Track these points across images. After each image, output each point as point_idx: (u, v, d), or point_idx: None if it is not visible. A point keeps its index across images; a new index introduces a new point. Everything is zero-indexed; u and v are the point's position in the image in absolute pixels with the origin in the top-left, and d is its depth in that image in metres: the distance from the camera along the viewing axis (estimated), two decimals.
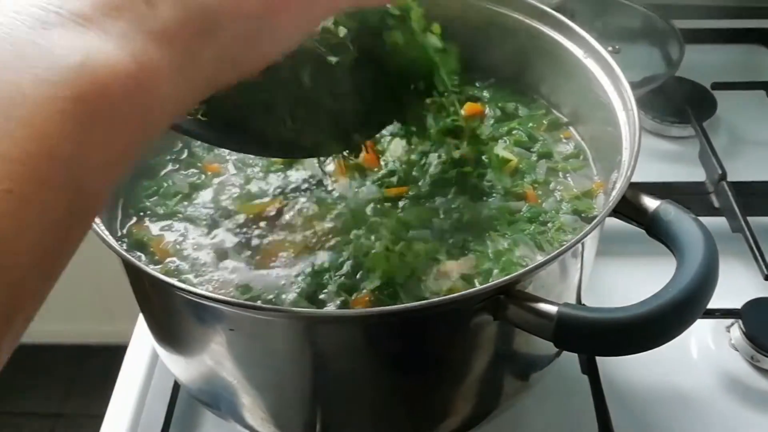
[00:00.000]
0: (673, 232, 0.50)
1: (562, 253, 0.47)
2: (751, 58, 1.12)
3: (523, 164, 0.65)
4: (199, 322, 0.51)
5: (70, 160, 0.29)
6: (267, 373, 0.53)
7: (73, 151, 0.29)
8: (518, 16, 0.69)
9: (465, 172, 0.62)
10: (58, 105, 0.29)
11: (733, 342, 0.72)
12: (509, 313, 0.46)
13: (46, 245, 0.29)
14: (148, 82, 0.32)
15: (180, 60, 0.34)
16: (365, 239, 0.57)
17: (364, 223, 0.58)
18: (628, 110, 0.58)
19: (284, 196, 0.62)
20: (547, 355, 0.58)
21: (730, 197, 0.82)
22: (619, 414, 0.65)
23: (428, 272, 0.55)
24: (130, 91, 0.31)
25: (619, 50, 0.97)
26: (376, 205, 0.60)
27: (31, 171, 0.28)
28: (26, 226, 0.28)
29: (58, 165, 0.29)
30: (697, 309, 0.45)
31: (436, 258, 0.56)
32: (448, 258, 0.56)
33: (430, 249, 0.56)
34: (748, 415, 0.68)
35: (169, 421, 0.67)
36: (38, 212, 0.28)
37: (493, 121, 0.69)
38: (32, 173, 0.28)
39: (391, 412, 0.56)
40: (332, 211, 0.60)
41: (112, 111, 0.31)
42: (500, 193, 0.62)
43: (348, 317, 0.50)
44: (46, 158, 0.28)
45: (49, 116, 0.29)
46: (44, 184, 0.28)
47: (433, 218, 0.59)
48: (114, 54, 0.31)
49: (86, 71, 0.30)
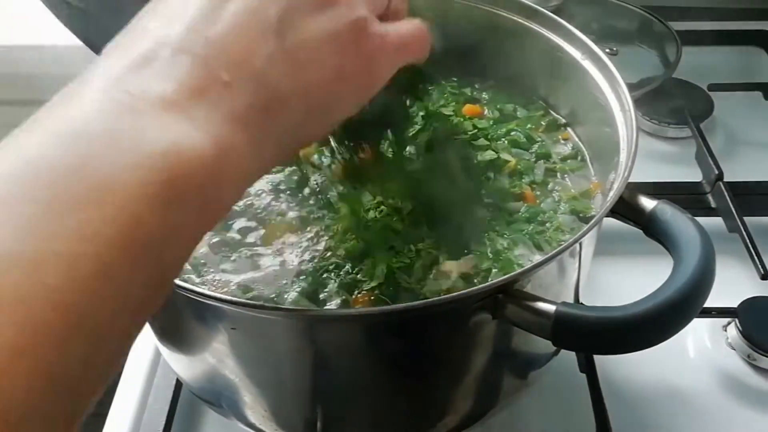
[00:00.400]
0: (670, 231, 0.50)
1: (560, 252, 0.48)
2: (748, 59, 1.12)
3: (522, 165, 0.65)
4: (201, 321, 0.52)
5: (159, 242, 0.30)
6: (268, 371, 0.53)
7: (161, 233, 0.30)
8: (517, 18, 0.69)
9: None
10: (149, 190, 0.30)
11: (730, 341, 0.73)
12: (508, 312, 0.46)
13: (129, 328, 0.31)
14: (228, 165, 0.33)
15: (254, 140, 0.34)
16: (365, 239, 0.57)
17: (364, 223, 0.59)
18: (625, 111, 0.59)
19: (285, 197, 0.63)
20: (545, 354, 0.59)
21: (726, 197, 0.83)
22: (617, 412, 0.66)
23: (428, 272, 0.55)
24: (213, 174, 0.32)
25: (616, 52, 0.97)
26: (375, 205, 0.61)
27: (124, 252, 0.29)
28: (111, 311, 0.29)
29: (148, 246, 0.30)
30: (693, 308, 0.46)
31: (435, 258, 0.56)
32: (447, 258, 0.56)
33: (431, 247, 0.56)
34: (744, 413, 0.68)
35: (171, 419, 0.67)
36: (125, 294, 0.29)
37: (492, 122, 0.70)
38: (125, 254, 0.29)
39: (391, 409, 0.56)
40: (332, 210, 0.61)
41: (198, 194, 0.32)
42: (499, 193, 0.62)
43: (348, 316, 0.50)
44: (138, 241, 0.29)
45: (141, 200, 0.29)
46: (134, 265, 0.29)
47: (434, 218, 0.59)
48: (198, 138, 0.32)
49: (174, 157, 0.31)
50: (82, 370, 0.28)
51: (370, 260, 0.55)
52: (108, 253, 0.28)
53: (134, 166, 0.30)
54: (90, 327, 0.28)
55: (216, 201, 0.33)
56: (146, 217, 0.29)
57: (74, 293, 0.27)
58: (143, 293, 0.30)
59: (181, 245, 0.32)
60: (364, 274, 0.54)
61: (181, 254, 0.33)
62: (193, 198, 0.31)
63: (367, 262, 0.55)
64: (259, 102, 0.35)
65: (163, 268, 0.31)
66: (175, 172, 0.30)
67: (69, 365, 0.27)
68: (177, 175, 0.31)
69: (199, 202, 0.32)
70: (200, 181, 0.32)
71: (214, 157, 0.32)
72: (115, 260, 0.28)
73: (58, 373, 0.27)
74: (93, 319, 0.28)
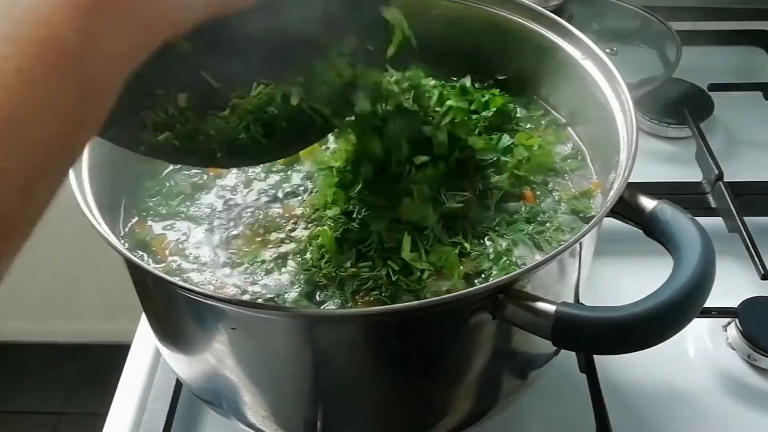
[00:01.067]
0: (670, 231, 0.50)
1: (560, 252, 0.48)
2: (748, 59, 1.12)
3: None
4: (201, 321, 0.52)
5: (77, 48, 0.31)
6: (268, 371, 0.53)
7: (79, 40, 0.31)
8: (517, 19, 0.69)
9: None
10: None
11: (730, 341, 0.73)
12: (508, 312, 0.46)
13: (56, 131, 0.31)
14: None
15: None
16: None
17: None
18: (625, 111, 0.59)
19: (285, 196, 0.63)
20: (545, 354, 0.59)
21: (726, 197, 0.83)
22: (617, 412, 0.66)
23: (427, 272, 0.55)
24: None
25: (616, 52, 0.97)
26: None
27: (40, 54, 0.30)
28: (38, 107, 0.29)
29: (66, 51, 0.30)
30: (694, 308, 0.46)
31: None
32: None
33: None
34: (744, 413, 0.68)
35: (171, 419, 0.67)
36: (48, 96, 0.30)
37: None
38: (41, 56, 0.30)
39: (391, 409, 0.56)
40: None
41: (113, 7, 0.33)
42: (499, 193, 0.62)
43: (348, 316, 0.50)
44: (54, 43, 0.30)
45: (55, 7, 0.30)
46: (53, 68, 0.30)
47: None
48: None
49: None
50: (18, 166, 0.29)
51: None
52: (26, 58, 0.29)
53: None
54: (18, 130, 0.29)
55: (141, 23, 0.34)
56: (62, 22, 0.30)
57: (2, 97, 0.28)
58: (71, 102, 0.31)
59: (107, 58, 0.33)
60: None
61: (108, 68, 0.33)
62: (110, 11, 0.32)
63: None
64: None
65: (88, 77, 0.32)
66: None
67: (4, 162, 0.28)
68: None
69: (119, 16, 0.33)
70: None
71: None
72: (34, 64, 0.29)
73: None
74: (20, 123, 0.29)
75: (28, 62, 0.29)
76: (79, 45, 0.31)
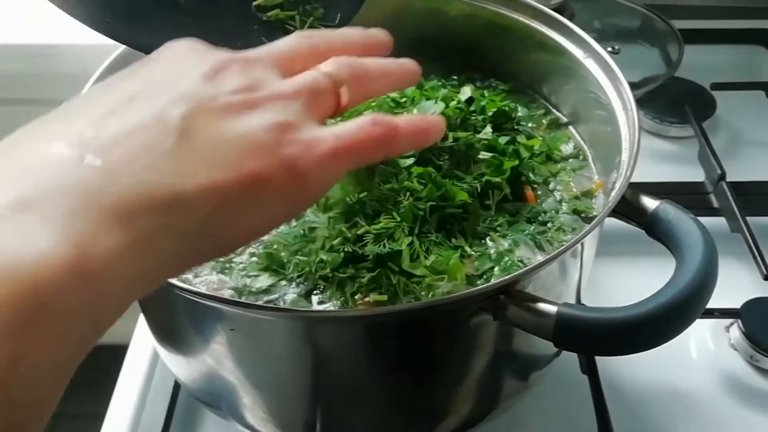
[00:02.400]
0: (673, 232, 0.50)
1: (562, 253, 0.47)
2: (751, 58, 1.12)
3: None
4: (200, 322, 0.51)
5: (4, 373, 0.26)
6: (267, 372, 0.53)
7: (6, 361, 0.26)
8: (518, 17, 0.69)
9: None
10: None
11: (733, 342, 0.73)
12: (509, 313, 0.46)
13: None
14: (94, 271, 0.29)
15: (138, 240, 0.30)
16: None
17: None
18: (627, 110, 0.58)
19: None
20: (546, 355, 0.59)
21: (729, 197, 0.82)
22: (619, 414, 0.65)
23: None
24: (68, 286, 0.27)
25: (618, 50, 0.97)
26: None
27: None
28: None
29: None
30: (696, 309, 0.46)
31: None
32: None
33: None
34: (747, 414, 0.68)
35: (169, 420, 0.67)
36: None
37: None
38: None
39: (391, 411, 0.56)
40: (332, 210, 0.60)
41: (46, 312, 0.27)
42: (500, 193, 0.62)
43: (348, 317, 0.50)
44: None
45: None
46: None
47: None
48: (48, 243, 0.27)
49: (10, 271, 0.26)
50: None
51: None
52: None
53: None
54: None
55: (86, 313, 0.29)
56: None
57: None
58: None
59: (41, 377, 0.27)
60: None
61: (43, 392, 0.28)
62: (42, 318, 0.27)
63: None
64: (150, 198, 0.31)
65: (15, 407, 0.27)
66: (13, 289, 0.26)
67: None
68: (15, 292, 0.26)
69: (55, 320, 0.27)
70: (51, 296, 0.27)
71: (72, 264, 0.27)
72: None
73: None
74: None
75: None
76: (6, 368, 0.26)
